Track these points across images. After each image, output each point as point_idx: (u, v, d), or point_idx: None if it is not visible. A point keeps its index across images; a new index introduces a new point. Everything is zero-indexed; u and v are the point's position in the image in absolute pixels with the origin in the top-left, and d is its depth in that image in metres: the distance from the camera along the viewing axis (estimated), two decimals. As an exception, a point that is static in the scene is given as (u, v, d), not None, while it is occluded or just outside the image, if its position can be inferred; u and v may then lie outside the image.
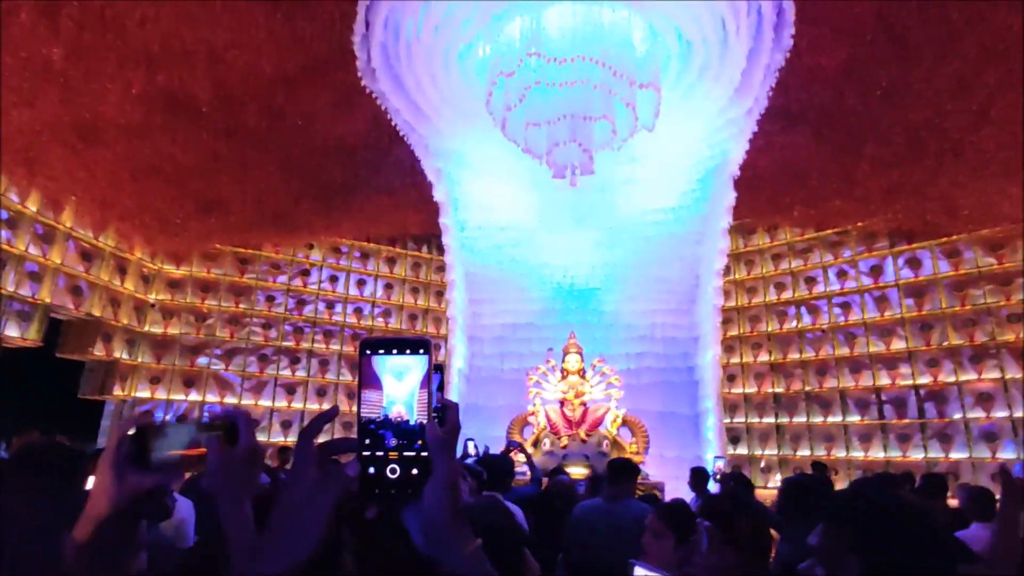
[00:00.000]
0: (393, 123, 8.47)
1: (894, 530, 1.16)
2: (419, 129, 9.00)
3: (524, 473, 6.56)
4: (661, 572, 1.38)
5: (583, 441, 9.20)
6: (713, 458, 8.50)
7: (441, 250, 11.47)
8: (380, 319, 11.89)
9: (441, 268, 11.89)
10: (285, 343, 11.07)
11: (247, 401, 10.51)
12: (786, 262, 11.47)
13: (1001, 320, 9.31)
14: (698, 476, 6.23)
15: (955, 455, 9.30)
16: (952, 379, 9.54)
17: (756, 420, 11.22)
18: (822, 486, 3.00)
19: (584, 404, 9.58)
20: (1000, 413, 9.09)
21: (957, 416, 9.41)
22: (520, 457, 6.63)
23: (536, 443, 9.42)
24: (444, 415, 1.80)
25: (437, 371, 1.83)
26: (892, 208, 9.66)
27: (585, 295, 11.28)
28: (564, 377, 9.80)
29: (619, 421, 9.43)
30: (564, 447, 9.18)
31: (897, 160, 8.35)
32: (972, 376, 9.40)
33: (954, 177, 8.42)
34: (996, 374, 9.22)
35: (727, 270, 11.15)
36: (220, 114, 7.32)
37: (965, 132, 7.46)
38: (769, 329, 11.42)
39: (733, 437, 11.10)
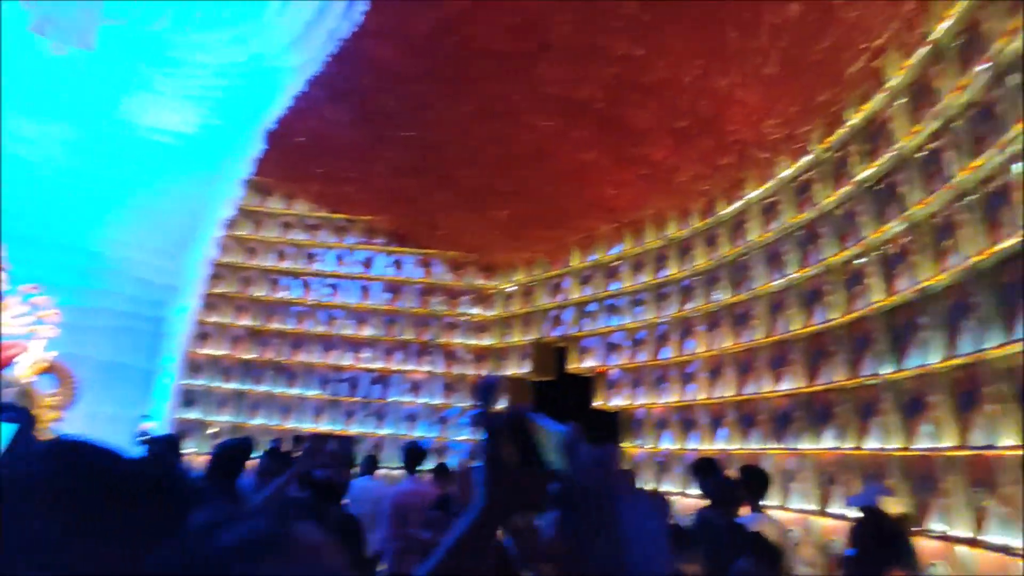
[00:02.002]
0: None
1: None
2: None
3: None
4: None
5: (-23, 385, 6.93)
6: (140, 417, 7.68)
7: None
8: None
9: None
10: None
11: None
12: (294, 232, 11.50)
13: (445, 326, 11.49)
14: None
15: (384, 431, 10.86)
16: (399, 368, 11.18)
17: (218, 384, 10.70)
18: (247, 446, 3.56)
19: (-7, 337, 7.28)
20: (423, 399, 11.12)
21: (393, 399, 11.05)
22: None
23: None
24: None
25: None
26: (393, 211, 10.85)
27: (39, 204, 8.68)
28: (-30, 298, 7.25)
29: (41, 366, 7.51)
30: (-59, 390, 6.71)
31: (408, 170, 9.39)
32: (412, 367, 11.23)
33: (443, 200, 10.00)
34: (429, 367, 11.28)
35: (232, 224, 10.40)
36: None
37: (454, 162, 8.95)
38: (258, 294, 11.16)
39: (188, 399, 10.26)
